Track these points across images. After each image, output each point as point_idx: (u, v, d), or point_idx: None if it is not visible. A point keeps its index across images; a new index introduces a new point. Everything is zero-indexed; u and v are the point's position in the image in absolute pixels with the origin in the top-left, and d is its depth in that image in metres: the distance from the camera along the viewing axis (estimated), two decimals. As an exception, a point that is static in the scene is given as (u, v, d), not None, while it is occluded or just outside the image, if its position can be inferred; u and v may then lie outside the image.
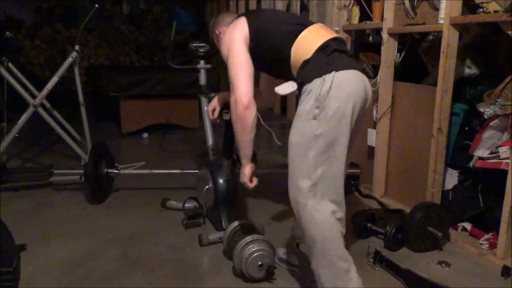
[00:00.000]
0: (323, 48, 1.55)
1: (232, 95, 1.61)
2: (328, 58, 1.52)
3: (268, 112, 5.10)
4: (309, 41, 1.58)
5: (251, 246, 1.83)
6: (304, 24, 1.65)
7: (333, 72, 1.47)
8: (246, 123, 1.61)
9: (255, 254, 1.82)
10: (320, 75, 1.48)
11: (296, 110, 1.57)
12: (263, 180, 2.26)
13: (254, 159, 1.93)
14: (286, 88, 1.61)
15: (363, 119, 1.64)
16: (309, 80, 1.51)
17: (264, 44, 1.65)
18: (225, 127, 2.36)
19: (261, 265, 1.82)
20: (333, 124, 1.46)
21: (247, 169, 1.76)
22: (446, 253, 2.18)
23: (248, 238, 1.86)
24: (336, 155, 1.49)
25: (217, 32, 1.88)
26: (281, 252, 2.06)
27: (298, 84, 1.59)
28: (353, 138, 1.59)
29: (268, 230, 2.34)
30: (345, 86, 1.48)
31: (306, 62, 1.55)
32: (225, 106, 2.03)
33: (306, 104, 1.50)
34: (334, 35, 1.64)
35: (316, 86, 1.48)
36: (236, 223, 2.05)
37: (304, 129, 1.50)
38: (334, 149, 1.48)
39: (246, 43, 1.64)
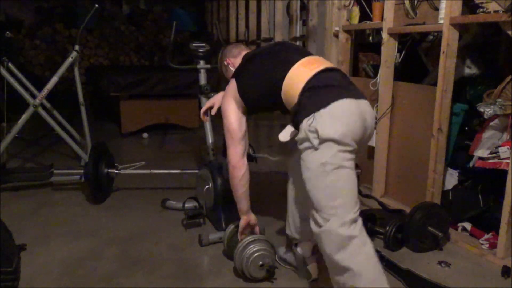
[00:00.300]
0: (308, 89, 1.56)
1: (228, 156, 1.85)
2: (314, 97, 1.53)
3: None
4: (294, 84, 1.62)
5: (251, 246, 1.84)
6: (291, 61, 1.67)
7: (322, 109, 1.48)
8: (235, 179, 1.85)
9: (256, 254, 1.82)
10: (309, 114, 1.50)
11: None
12: (263, 180, 2.27)
13: (254, 159, 1.94)
14: (287, 134, 1.69)
15: (366, 142, 1.64)
16: (301, 121, 1.53)
17: (255, 102, 1.83)
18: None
19: (262, 265, 1.82)
20: (331, 153, 1.46)
21: (242, 221, 1.96)
22: (446, 253, 2.18)
23: (249, 238, 1.87)
24: (345, 176, 1.50)
25: (225, 62, 2.01)
26: (282, 251, 2.07)
27: (294, 127, 1.64)
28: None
29: (268, 230, 2.34)
30: (335, 116, 1.47)
31: (296, 106, 1.59)
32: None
33: (305, 143, 1.51)
34: (322, 66, 1.62)
35: (308, 124, 1.50)
36: (236, 223, 2.04)
37: (311, 160, 1.51)
38: (341, 172, 1.48)
39: (240, 105, 1.83)
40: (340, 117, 1.48)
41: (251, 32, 5.71)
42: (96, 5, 3.13)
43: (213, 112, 2.10)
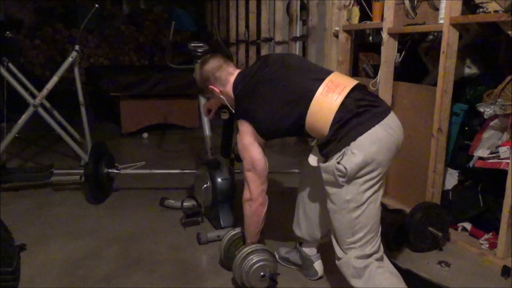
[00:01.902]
0: (338, 122, 1.48)
1: (246, 193, 1.76)
2: (344, 130, 1.47)
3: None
4: (321, 117, 1.52)
5: (250, 258, 1.77)
6: (309, 90, 1.55)
7: (352, 143, 1.45)
8: (259, 217, 1.79)
9: (256, 265, 1.76)
10: (340, 149, 1.47)
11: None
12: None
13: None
14: (314, 159, 1.65)
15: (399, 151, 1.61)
16: (330, 155, 1.50)
17: (278, 136, 1.75)
18: (223, 126, 2.36)
19: (263, 276, 1.78)
20: (356, 191, 1.46)
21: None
22: (446, 253, 2.18)
23: (247, 250, 1.79)
24: (367, 213, 1.49)
25: (211, 88, 1.80)
26: (283, 251, 2.08)
27: (321, 155, 1.58)
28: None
29: (268, 229, 2.34)
30: (366, 152, 1.44)
31: (325, 139, 1.51)
32: (222, 106, 2.03)
33: (331, 177, 1.49)
34: (344, 90, 1.52)
35: (337, 160, 1.47)
36: (232, 233, 1.97)
37: (336, 196, 1.51)
38: (364, 209, 1.48)
39: (259, 141, 1.70)
40: (370, 153, 1.44)
41: (251, 32, 5.71)
42: (96, 5, 3.13)
43: (210, 117, 2.10)
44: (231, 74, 1.76)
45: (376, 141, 1.46)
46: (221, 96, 1.80)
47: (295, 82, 1.60)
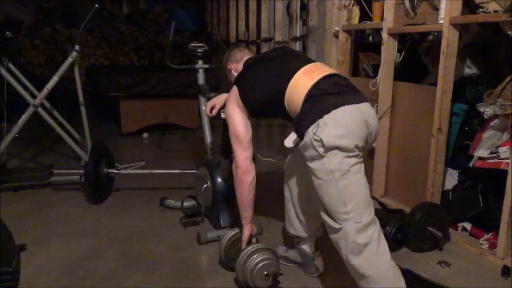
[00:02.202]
0: (311, 97, 1.56)
1: (234, 161, 1.84)
2: (317, 104, 1.54)
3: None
4: (296, 93, 1.62)
5: (254, 257, 1.77)
6: (292, 70, 1.66)
7: (325, 116, 1.49)
8: (245, 185, 1.81)
9: (260, 264, 1.76)
10: (314, 122, 1.51)
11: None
12: (263, 180, 2.27)
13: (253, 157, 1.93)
14: (290, 141, 1.71)
15: (371, 143, 1.63)
16: (305, 129, 1.54)
17: (258, 109, 1.83)
18: (224, 127, 2.36)
19: (267, 275, 1.77)
20: (338, 160, 1.48)
21: (246, 231, 1.89)
22: (446, 253, 2.18)
23: (250, 249, 1.80)
24: (354, 181, 1.51)
25: (228, 67, 2.01)
26: (281, 250, 2.08)
27: (298, 135, 1.64)
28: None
29: (267, 229, 2.34)
30: (339, 124, 1.48)
31: (299, 115, 1.59)
32: (224, 106, 2.03)
33: (311, 151, 1.52)
34: (323, 74, 1.62)
35: (313, 132, 1.50)
36: (231, 233, 1.98)
37: (320, 170, 1.52)
38: (350, 177, 1.50)
39: (243, 110, 1.82)
40: (343, 125, 1.48)
41: (251, 32, 5.71)
42: (96, 5, 3.12)
43: (214, 112, 2.11)
44: (246, 55, 1.97)
45: (350, 116, 1.51)
46: (234, 72, 1.97)
47: (285, 63, 1.75)
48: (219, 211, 2.40)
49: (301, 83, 1.62)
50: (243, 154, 1.80)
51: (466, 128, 2.55)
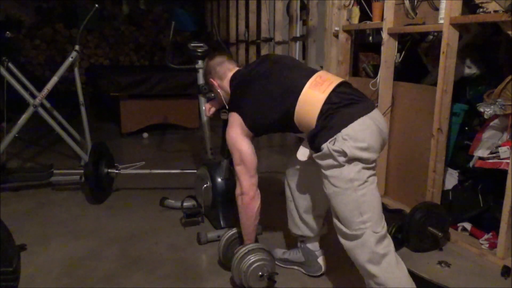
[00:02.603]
0: (325, 112, 1.53)
1: (238, 188, 1.78)
2: (333, 119, 1.51)
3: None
4: (309, 109, 1.57)
5: (248, 258, 1.77)
6: (298, 84, 1.61)
7: (343, 129, 1.48)
8: (251, 212, 1.78)
9: (254, 265, 1.76)
10: (331, 136, 1.50)
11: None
12: (263, 180, 2.27)
13: None
14: (305, 154, 1.67)
15: (383, 148, 1.65)
16: (322, 143, 1.52)
17: (266, 131, 1.79)
18: (223, 127, 2.36)
19: (262, 275, 1.77)
20: (357, 170, 1.49)
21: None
22: (446, 253, 2.18)
23: (244, 249, 1.79)
24: (371, 191, 1.53)
25: (211, 81, 1.92)
26: (280, 252, 2.07)
27: (313, 149, 1.60)
28: None
29: (267, 230, 2.34)
30: (359, 137, 1.48)
31: (314, 130, 1.55)
32: (223, 106, 2.03)
33: (329, 160, 1.51)
34: (332, 85, 1.58)
35: (331, 145, 1.49)
36: (230, 233, 1.98)
37: (338, 177, 1.51)
38: (368, 188, 1.51)
39: (247, 134, 1.75)
40: (363, 138, 1.48)
41: (251, 32, 5.71)
42: (96, 5, 3.12)
43: (211, 112, 2.10)
44: (230, 70, 1.85)
45: (366, 128, 1.51)
46: (219, 90, 1.89)
47: (286, 78, 1.67)
48: (219, 211, 2.40)
49: (312, 99, 1.57)
50: (250, 181, 1.75)
51: (466, 128, 2.55)
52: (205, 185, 2.42)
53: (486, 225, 2.26)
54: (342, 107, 1.53)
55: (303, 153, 1.67)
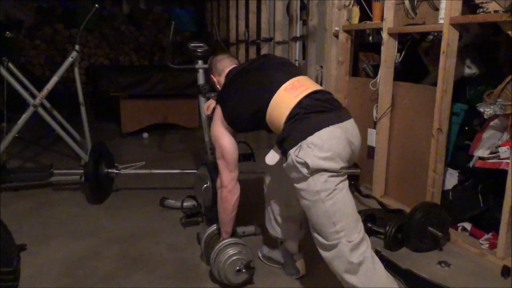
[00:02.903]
0: (293, 116, 1.53)
1: (218, 180, 1.85)
2: (300, 125, 1.51)
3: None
4: (278, 111, 1.58)
5: (222, 255, 1.79)
6: (274, 84, 1.62)
7: (309, 137, 1.47)
8: (229, 204, 1.84)
9: (229, 261, 1.77)
10: (296, 143, 1.49)
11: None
12: (260, 180, 2.27)
13: (252, 158, 1.94)
14: (274, 158, 1.67)
15: (353, 160, 1.61)
16: (288, 150, 1.52)
17: (241, 126, 1.81)
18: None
19: (239, 270, 1.78)
20: (323, 180, 1.47)
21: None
22: (446, 253, 2.18)
23: (221, 244, 1.82)
24: (340, 199, 1.50)
25: (211, 78, 1.99)
26: (265, 250, 2.08)
27: (281, 153, 1.62)
28: None
29: (259, 228, 2.34)
30: (324, 146, 1.46)
31: (282, 134, 1.56)
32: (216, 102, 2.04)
33: (295, 173, 1.51)
34: (306, 91, 1.58)
35: (295, 155, 1.49)
36: (212, 228, 2.01)
37: (306, 191, 1.51)
38: (337, 196, 1.49)
39: (228, 129, 1.80)
40: (328, 147, 1.47)
41: (251, 32, 5.70)
42: (96, 5, 3.12)
43: (209, 111, 2.10)
44: (227, 66, 1.91)
45: (334, 137, 1.49)
46: (217, 86, 1.95)
47: (267, 77, 1.69)
48: (219, 211, 2.40)
49: (284, 102, 1.58)
50: (229, 175, 1.81)
51: (466, 128, 2.55)
52: (205, 185, 2.41)
53: (486, 225, 2.26)
54: (312, 113, 1.52)
55: (271, 157, 1.67)
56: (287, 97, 1.58)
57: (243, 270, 1.79)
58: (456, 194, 2.45)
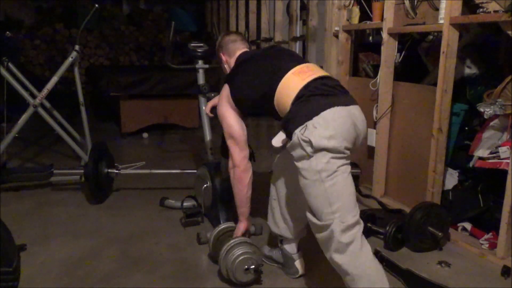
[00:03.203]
0: (300, 97, 1.56)
1: (230, 161, 1.86)
2: (307, 105, 1.53)
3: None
4: (286, 93, 1.61)
5: (233, 252, 1.80)
6: (283, 69, 1.66)
7: (314, 117, 1.48)
8: (244, 183, 1.85)
9: (239, 259, 1.78)
10: (302, 123, 1.51)
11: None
12: (262, 180, 2.27)
13: (252, 157, 1.94)
14: (279, 140, 1.68)
15: (359, 146, 1.63)
16: (293, 130, 1.53)
17: (248, 108, 1.83)
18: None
19: (247, 269, 1.79)
20: (325, 160, 1.47)
21: (242, 226, 1.95)
22: (446, 253, 2.18)
23: (231, 243, 1.82)
24: (341, 181, 1.50)
25: (220, 55, 2.00)
26: (266, 249, 2.09)
27: (286, 135, 1.63)
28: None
29: (266, 229, 2.34)
30: (328, 125, 1.47)
31: (288, 115, 1.58)
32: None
33: (298, 150, 1.52)
34: (314, 75, 1.61)
35: (301, 133, 1.50)
36: (221, 227, 2.01)
37: (307, 169, 1.51)
38: (337, 178, 1.49)
39: (235, 109, 1.83)
40: (332, 126, 1.48)
41: (251, 32, 5.71)
42: (96, 5, 3.12)
43: (209, 109, 2.10)
44: (239, 49, 1.95)
45: (339, 117, 1.50)
46: (226, 66, 1.98)
47: (277, 61, 1.73)
48: (219, 211, 2.40)
49: (292, 84, 1.61)
50: (241, 154, 1.82)
51: (466, 128, 2.55)
52: (205, 185, 2.42)
53: (486, 225, 2.26)
54: (318, 96, 1.54)
55: (278, 139, 1.67)
56: (295, 79, 1.61)
57: (252, 271, 1.79)
58: (456, 194, 2.45)
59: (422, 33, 2.73)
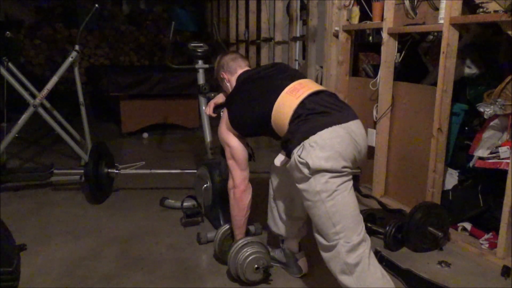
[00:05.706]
0: (298, 117, 1.55)
1: (230, 181, 1.87)
2: (304, 125, 1.52)
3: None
4: (282, 113, 1.61)
5: (245, 250, 1.81)
6: (277, 88, 1.65)
7: (311, 136, 1.48)
8: (243, 204, 1.87)
9: (250, 258, 1.80)
10: (299, 143, 1.50)
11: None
12: (262, 180, 2.27)
13: (252, 158, 1.94)
14: (279, 160, 1.67)
15: (361, 161, 1.61)
16: (291, 150, 1.53)
17: (246, 131, 1.84)
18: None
19: (257, 268, 1.81)
20: (324, 181, 1.47)
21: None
22: (446, 253, 2.18)
23: (241, 242, 1.84)
24: (341, 200, 1.50)
25: (221, 76, 1.98)
26: (269, 249, 2.08)
27: (286, 155, 1.62)
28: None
29: (266, 229, 2.34)
30: (325, 145, 1.47)
31: (286, 135, 1.58)
32: (223, 105, 2.03)
33: (297, 173, 1.51)
34: (308, 91, 1.60)
35: (298, 154, 1.49)
36: (226, 226, 2.03)
37: (307, 191, 1.51)
38: (337, 198, 1.49)
39: (233, 131, 1.83)
40: (330, 147, 1.47)
41: (251, 32, 5.70)
42: (96, 5, 3.12)
43: (211, 109, 2.10)
44: (241, 67, 1.93)
45: (337, 137, 1.49)
46: (228, 84, 1.95)
47: (272, 82, 1.73)
48: (219, 211, 2.40)
49: (286, 103, 1.61)
50: (241, 175, 1.84)
51: (466, 128, 2.55)
52: (205, 185, 2.42)
53: (486, 225, 2.26)
54: (315, 114, 1.54)
55: (279, 159, 1.67)
56: (289, 98, 1.61)
57: (262, 271, 1.81)
58: (456, 194, 2.45)
59: (422, 33, 2.73)
